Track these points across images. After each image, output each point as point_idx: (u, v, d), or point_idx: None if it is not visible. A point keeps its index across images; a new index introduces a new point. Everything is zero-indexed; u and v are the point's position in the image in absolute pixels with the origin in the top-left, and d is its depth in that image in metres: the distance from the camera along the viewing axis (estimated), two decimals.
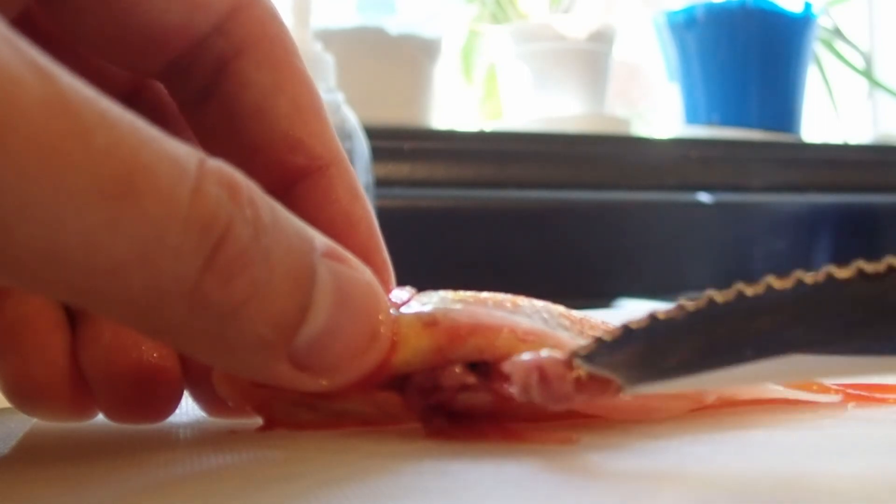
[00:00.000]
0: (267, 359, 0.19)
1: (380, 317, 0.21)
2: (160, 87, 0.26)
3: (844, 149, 1.38)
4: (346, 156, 0.26)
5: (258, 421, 0.24)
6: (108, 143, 0.16)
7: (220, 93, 0.25)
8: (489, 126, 1.29)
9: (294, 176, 0.25)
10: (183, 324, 0.18)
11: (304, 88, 0.25)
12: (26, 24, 0.23)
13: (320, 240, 0.20)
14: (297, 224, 0.20)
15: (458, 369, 0.21)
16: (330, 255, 0.20)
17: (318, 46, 0.77)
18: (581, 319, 0.24)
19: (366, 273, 0.21)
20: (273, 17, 0.25)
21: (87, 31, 0.23)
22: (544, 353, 0.20)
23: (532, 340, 0.22)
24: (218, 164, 0.18)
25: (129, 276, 0.17)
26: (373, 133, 0.84)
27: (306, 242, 0.20)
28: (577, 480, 0.18)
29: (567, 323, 0.23)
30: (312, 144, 0.25)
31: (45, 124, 0.15)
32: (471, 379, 0.21)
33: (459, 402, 0.22)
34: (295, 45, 0.25)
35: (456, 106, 1.36)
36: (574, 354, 0.20)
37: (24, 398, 0.24)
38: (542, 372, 0.20)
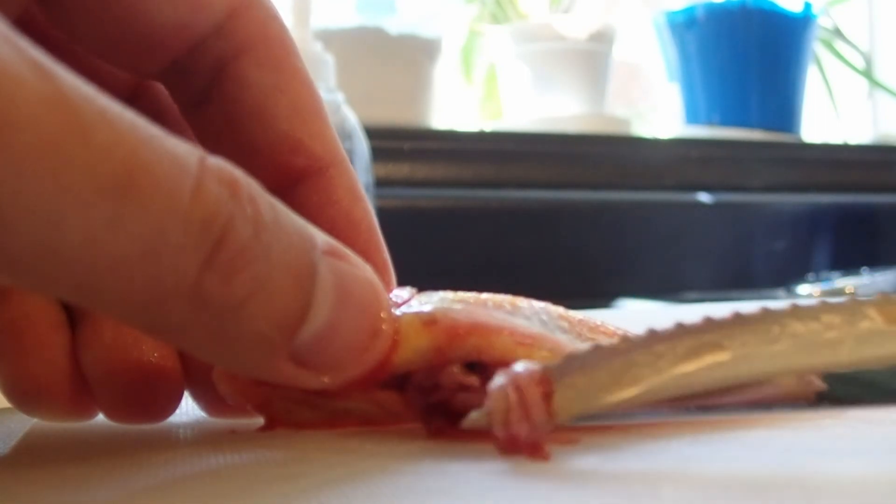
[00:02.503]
0: (268, 356, 0.19)
1: (381, 314, 0.21)
2: (161, 89, 0.26)
3: (844, 149, 1.38)
4: (346, 157, 0.26)
5: (258, 421, 0.24)
6: (109, 141, 0.16)
7: (220, 94, 0.25)
8: (489, 126, 1.29)
9: (294, 177, 0.25)
10: (184, 322, 0.18)
11: (304, 89, 0.25)
12: (26, 26, 0.23)
13: (321, 237, 0.20)
14: (297, 221, 0.20)
15: (456, 369, 0.21)
16: (331, 252, 0.20)
17: (318, 46, 0.77)
18: (580, 321, 0.24)
19: (366, 270, 0.21)
20: (273, 18, 0.25)
21: (86, 33, 0.23)
22: (520, 367, 0.20)
23: (530, 344, 0.22)
24: (218, 162, 0.18)
25: (131, 274, 0.17)
26: (373, 133, 0.84)
27: (307, 240, 0.20)
28: (577, 480, 0.18)
29: (566, 325, 0.23)
30: (312, 145, 0.25)
31: (45, 122, 0.15)
32: (469, 379, 0.21)
33: (459, 402, 0.22)
34: (295, 46, 0.25)
35: (456, 106, 1.36)
36: (547, 370, 0.20)
37: (24, 398, 0.24)
38: (520, 395, 0.19)
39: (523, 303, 0.23)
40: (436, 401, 0.22)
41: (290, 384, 0.21)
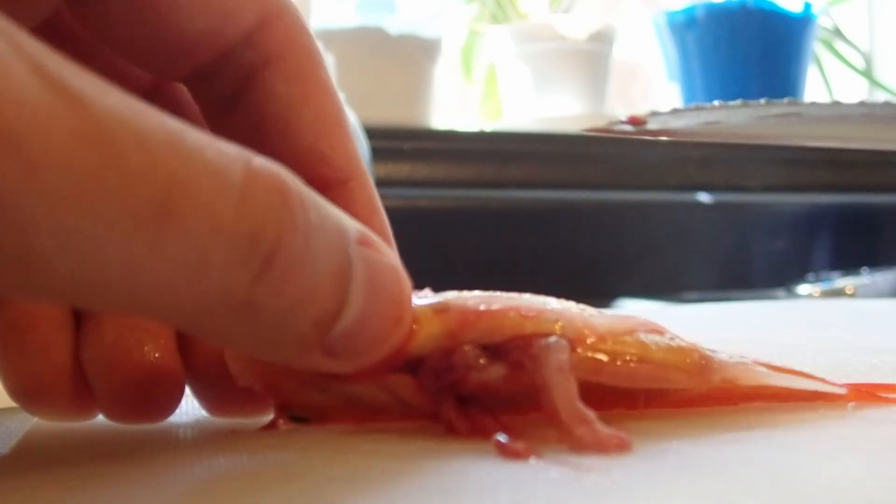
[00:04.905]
0: (302, 350, 0.19)
1: (404, 301, 0.21)
2: (181, 87, 0.26)
3: (844, 149, 1.37)
4: (366, 169, 0.26)
5: (259, 421, 0.24)
6: (144, 166, 0.16)
7: (245, 102, 0.25)
8: (489, 126, 1.29)
9: (315, 188, 0.25)
10: (230, 328, 0.18)
11: (328, 101, 0.25)
12: (52, 24, 0.23)
13: (353, 227, 0.20)
14: (334, 215, 0.19)
15: (468, 349, 0.22)
16: (361, 241, 0.20)
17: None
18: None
19: (391, 256, 0.21)
20: (302, 29, 0.25)
21: (115, 35, 0.23)
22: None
23: (535, 316, 0.22)
24: (266, 167, 0.18)
25: (175, 294, 0.16)
26: (373, 133, 0.84)
27: (343, 235, 0.19)
28: (577, 480, 0.18)
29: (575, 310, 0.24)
30: (334, 157, 0.25)
31: (78, 154, 0.15)
32: (481, 360, 0.22)
33: (472, 382, 0.22)
34: (321, 57, 0.25)
35: (456, 106, 1.36)
36: None
37: (26, 396, 0.24)
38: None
39: (531, 298, 0.24)
40: (449, 382, 0.22)
41: (316, 370, 0.21)
